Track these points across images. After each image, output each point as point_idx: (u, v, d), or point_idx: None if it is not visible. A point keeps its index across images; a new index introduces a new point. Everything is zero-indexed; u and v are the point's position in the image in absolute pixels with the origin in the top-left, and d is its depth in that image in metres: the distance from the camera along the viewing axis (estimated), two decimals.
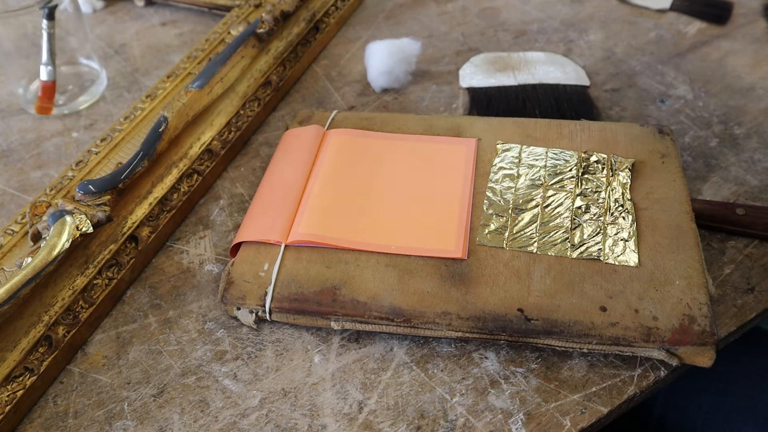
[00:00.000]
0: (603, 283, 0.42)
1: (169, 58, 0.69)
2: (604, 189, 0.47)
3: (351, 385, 0.41)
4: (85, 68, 0.65)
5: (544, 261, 0.43)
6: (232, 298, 0.44)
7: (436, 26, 0.71)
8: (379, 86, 0.63)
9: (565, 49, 0.67)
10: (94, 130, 0.61)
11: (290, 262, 0.44)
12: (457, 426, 0.39)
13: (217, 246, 0.50)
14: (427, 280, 0.43)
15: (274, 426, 0.40)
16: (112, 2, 0.77)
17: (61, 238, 0.42)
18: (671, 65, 0.64)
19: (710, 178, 0.53)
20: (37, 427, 0.40)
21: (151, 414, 0.40)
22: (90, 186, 0.46)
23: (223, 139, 0.56)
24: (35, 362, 0.41)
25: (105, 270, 0.46)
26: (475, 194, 0.48)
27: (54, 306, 0.43)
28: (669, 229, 0.44)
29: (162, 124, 0.51)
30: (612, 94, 0.61)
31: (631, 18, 0.70)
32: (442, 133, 0.53)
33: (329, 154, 0.52)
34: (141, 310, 0.46)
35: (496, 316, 0.41)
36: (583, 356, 0.42)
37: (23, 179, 0.57)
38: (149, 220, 0.49)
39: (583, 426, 0.39)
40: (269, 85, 0.61)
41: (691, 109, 0.59)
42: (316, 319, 0.43)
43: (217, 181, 0.55)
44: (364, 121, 0.55)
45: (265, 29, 0.61)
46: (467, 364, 0.42)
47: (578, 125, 0.52)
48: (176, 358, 0.43)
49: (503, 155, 0.50)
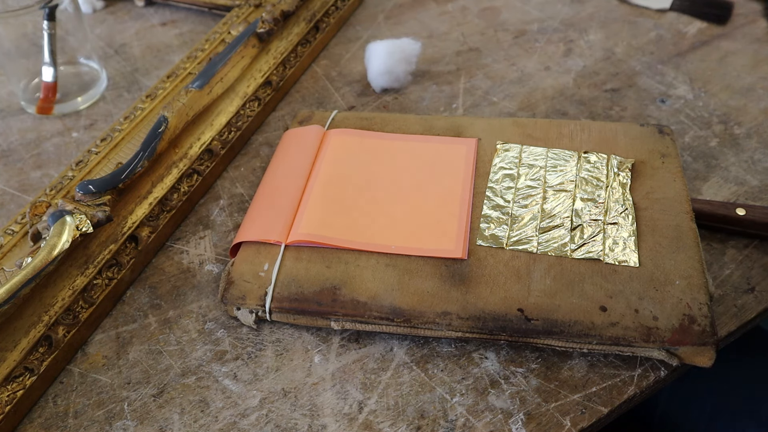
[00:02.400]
0: (603, 283, 0.42)
1: (169, 58, 0.69)
2: (604, 189, 0.47)
3: (351, 385, 0.41)
4: (85, 68, 0.65)
5: (544, 261, 0.43)
6: (232, 298, 0.44)
7: (436, 26, 0.71)
8: (379, 86, 0.63)
9: (565, 49, 0.67)
10: (94, 130, 0.61)
11: (290, 262, 0.44)
12: (457, 426, 0.39)
13: (217, 246, 0.50)
14: (427, 280, 0.43)
15: (274, 426, 0.40)
16: (112, 2, 0.77)
17: (61, 238, 0.42)
18: (671, 65, 0.64)
19: (710, 178, 0.53)
20: (37, 427, 0.40)
21: (151, 414, 0.40)
22: (90, 186, 0.46)
23: (223, 139, 0.56)
24: (35, 362, 0.41)
25: (105, 270, 0.46)
26: (475, 194, 0.48)
27: (54, 306, 0.43)
28: (669, 229, 0.44)
29: (162, 124, 0.51)
30: (612, 94, 0.61)
31: (631, 18, 0.70)
32: (442, 133, 0.53)
33: (329, 154, 0.52)
34: (141, 310, 0.46)
35: (496, 316, 0.41)
36: (583, 356, 0.42)
37: (23, 179, 0.56)
38: (149, 220, 0.49)
39: (583, 426, 0.39)
40: (269, 85, 0.61)
41: (691, 109, 0.59)
42: (316, 319, 0.43)
43: (217, 181, 0.55)
44: (364, 121, 0.55)
45: (265, 29, 0.61)
46: (467, 364, 0.42)
47: (578, 125, 0.52)
48: (176, 358, 0.43)
49: (503, 155, 0.50)
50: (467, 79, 0.64)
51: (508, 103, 0.61)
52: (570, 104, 0.60)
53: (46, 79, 0.61)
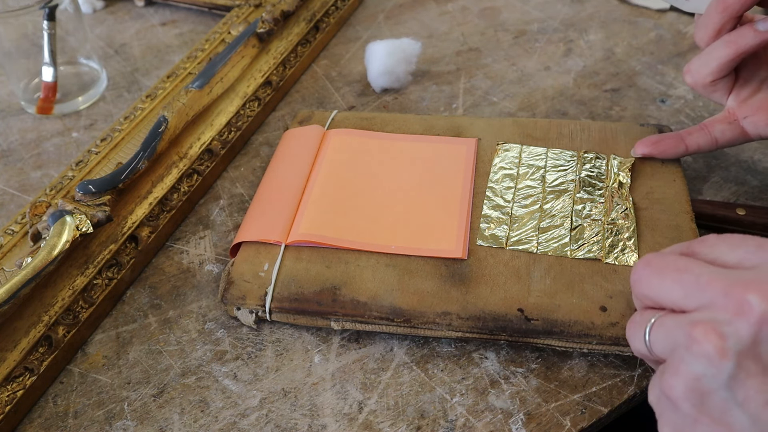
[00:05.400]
0: (603, 283, 0.42)
1: (169, 58, 0.69)
2: (604, 189, 0.47)
3: (351, 385, 0.41)
4: (85, 68, 0.65)
5: (544, 261, 0.43)
6: (232, 298, 0.44)
7: (436, 26, 0.71)
8: (379, 86, 0.63)
9: (565, 49, 0.67)
10: (94, 130, 0.61)
11: (290, 262, 0.44)
12: (457, 426, 0.39)
13: (217, 246, 0.50)
14: (427, 280, 0.43)
15: (274, 426, 0.40)
16: (112, 2, 0.77)
17: (61, 238, 0.42)
18: (671, 65, 0.64)
19: (710, 178, 0.53)
20: (37, 427, 0.40)
21: (151, 414, 0.40)
22: (90, 186, 0.46)
23: (223, 139, 0.56)
24: (35, 362, 0.41)
25: (105, 270, 0.46)
26: (475, 194, 0.48)
27: (54, 306, 0.43)
28: (669, 229, 0.44)
29: (162, 124, 0.51)
30: (612, 94, 0.61)
31: (631, 18, 0.70)
32: (442, 133, 0.53)
33: (329, 154, 0.52)
34: (141, 310, 0.46)
35: (496, 316, 0.41)
36: (583, 356, 0.42)
37: (23, 179, 0.57)
38: (149, 220, 0.49)
39: (583, 426, 0.39)
40: (269, 85, 0.61)
41: (691, 109, 0.59)
42: (316, 320, 0.43)
43: (217, 181, 0.55)
44: (364, 121, 0.55)
45: (265, 29, 0.61)
46: (467, 364, 0.42)
47: (578, 125, 0.52)
48: (176, 358, 0.43)
49: (503, 155, 0.50)
50: (467, 79, 0.64)
51: (508, 103, 0.61)
52: (570, 104, 0.60)
53: (46, 79, 0.61)
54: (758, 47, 0.43)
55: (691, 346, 0.28)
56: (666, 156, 0.48)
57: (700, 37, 0.45)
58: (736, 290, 0.28)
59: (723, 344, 0.27)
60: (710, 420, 0.28)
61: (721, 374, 0.27)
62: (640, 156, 0.48)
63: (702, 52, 0.45)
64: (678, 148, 0.48)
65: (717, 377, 0.28)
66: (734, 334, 0.27)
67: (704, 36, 0.44)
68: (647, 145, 0.48)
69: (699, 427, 0.29)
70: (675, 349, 0.29)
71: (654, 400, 0.31)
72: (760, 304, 0.27)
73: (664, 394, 0.30)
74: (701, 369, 0.28)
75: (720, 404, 0.28)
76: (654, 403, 0.31)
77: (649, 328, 0.31)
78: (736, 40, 0.43)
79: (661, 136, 0.48)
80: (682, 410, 0.29)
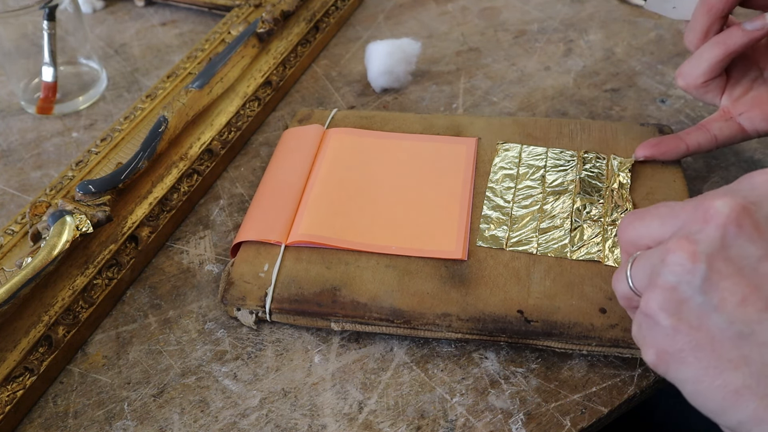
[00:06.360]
0: (603, 284, 0.42)
1: (169, 58, 0.69)
2: (605, 189, 0.47)
3: (351, 385, 0.41)
4: (85, 68, 0.65)
5: (544, 262, 0.43)
6: (232, 298, 0.44)
7: (436, 26, 0.71)
8: (379, 86, 0.63)
9: (565, 49, 0.67)
10: (94, 130, 0.61)
11: (290, 263, 0.44)
12: (457, 426, 0.39)
13: (217, 246, 0.50)
14: (427, 281, 0.43)
15: (274, 426, 0.40)
16: (112, 2, 0.77)
17: (61, 238, 0.42)
18: (671, 65, 0.64)
19: (710, 178, 0.53)
20: (37, 427, 0.40)
21: (151, 414, 0.40)
22: (90, 186, 0.46)
23: (223, 139, 0.56)
24: (35, 362, 0.41)
25: (105, 270, 0.46)
26: (475, 194, 0.48)
27: (54, 306, 0.43)
28: None
29: (162, 124, 0.51)
30: (612, 94, 0.61)
31: (631, 18, 0.70)
32: (442, 132, 0.53)
33: (329, 154, 0.52)
34: (141, 310, 0.46)
35: (495, 318, 0.41)
36: (583, 356, 0.42)
37: (23, 179, 0.57)
38: (149, 220, 0.49)
39: (583, 426, 0.39)
40: (269, 85, 0.61)
41: (691, 109, 0.59)
42: (316, 320, 0.43)
43: (217, 181, 0.55)
44: (363, 120, 0.55)
45: (265, 29, 0.61)
46: (467, 364, 0.42)
47: (578, 124, 0.52)
48: (176, 358, 0.43)
49: (503, 155, 0.50)
50: (467, 79, 0.64)
51: (508, 103, 0.61)
52: (570, 104, 0.60)
53: (46, 79, 0.61)
54: (747, 46, 0.44)
55: (665, 257, 0.29)
56: (667, 157, 0.48)
57: (689, 41, 0.46)
58: (704, 202, 0.30)
59: (694, 248, 0.29)
60: (689, 328, 0.29)
61: (695, 279, 0.28)
62: (642, 159, 0.48)
63: (692, 55, 0.46)
64: (679, 148, 0.48)
65: (691, 283, 0.28)
66: (704, 239, 0.29)
67: (693, 39, 0.45)
68: (648, 148, 0.48)
69: (678, 336, 0.29)
70: (652, 272, 0.30)
71: (635, 330, 0.32)
72: (724, 206, 0.29)
73: (642, 313, 0.30)
74: (675, 278, 0.29)
75: (697, 310, 0.29)
76: (636, 334, 0.32)
77: (630, 264, 0.32)
78: (725, 41, 0.44)
79: (661, 138, 0.48)
80: (661, 324, 0.29)
